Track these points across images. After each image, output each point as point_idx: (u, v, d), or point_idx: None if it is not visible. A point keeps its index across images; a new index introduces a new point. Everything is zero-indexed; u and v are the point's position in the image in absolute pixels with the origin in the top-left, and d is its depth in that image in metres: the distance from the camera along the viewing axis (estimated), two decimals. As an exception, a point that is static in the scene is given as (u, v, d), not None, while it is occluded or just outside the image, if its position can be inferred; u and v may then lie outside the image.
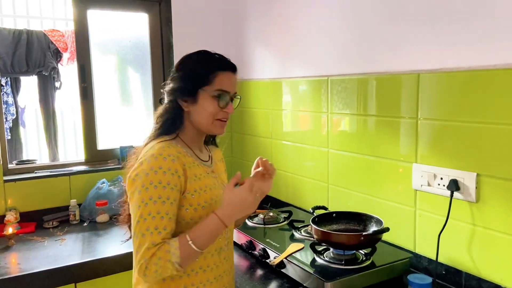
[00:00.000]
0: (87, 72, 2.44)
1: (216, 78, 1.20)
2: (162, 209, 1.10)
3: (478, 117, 1.35)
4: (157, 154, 1.13)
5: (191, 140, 1.26)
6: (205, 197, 1.19)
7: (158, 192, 1.10)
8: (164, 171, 1.11)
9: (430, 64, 1.50)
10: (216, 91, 1.20)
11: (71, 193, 2.32)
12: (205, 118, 1.22)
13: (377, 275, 1.45)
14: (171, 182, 1.12)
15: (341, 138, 1.93)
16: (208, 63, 1.22)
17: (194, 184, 1.18)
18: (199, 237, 1.11)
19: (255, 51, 2.51)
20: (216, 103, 1.20)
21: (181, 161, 1.16)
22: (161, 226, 1.09)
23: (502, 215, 1.31)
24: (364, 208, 1.76)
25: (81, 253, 1.86)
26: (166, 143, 1.18)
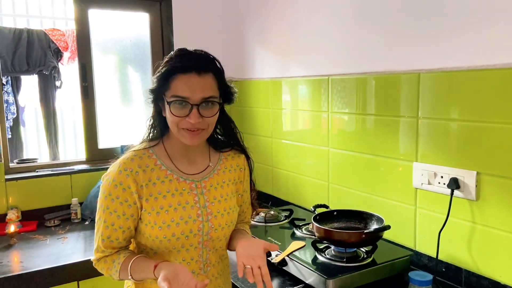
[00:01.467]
0: (88, 72, 2.45)
1: (173, 82, 1.07)
2: (108, 219, 1.13)
3: (478, 116, 1.36)
4: (117, 165, 1.13)
5: (176, 148, 1.17)
6: (164, 217, 1.12)
7: (107, 202, 1.12)
8: (115, 185, 1.11)
9: (430, 64, 1.51)
10: (171, 97, 1.07)
11: (72, 191, 2.33)
12: (171, 127, 1.12)
13: (378, 273, 1.47)
14: (121, 196, 1.11)
15: (341, 137, 1.94)
16: (168, 64, 1.09)
17: (152, 203, 1.12)
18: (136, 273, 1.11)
19: (255, 51, 2.52)
20: (174, 112, 1.08)
21: (139, 177, 1.11)
22: (105, 234, 1.13)
23: (502, 213, 1.33)
24: (365, 206, 1.78)
25: (83, 251, 1.87)
26: (134, 154, 1.14)
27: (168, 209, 1.13)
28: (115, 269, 1.13)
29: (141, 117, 2.71)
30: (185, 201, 1.15)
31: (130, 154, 1.15)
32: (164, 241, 1.13)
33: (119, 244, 1.15)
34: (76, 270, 1.74)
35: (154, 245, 1.15)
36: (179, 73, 1.07)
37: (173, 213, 1.13)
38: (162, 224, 1.12)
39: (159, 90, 1.11)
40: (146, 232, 1.14)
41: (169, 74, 1.08)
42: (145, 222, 1.13)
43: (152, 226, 1.12)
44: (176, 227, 1.12)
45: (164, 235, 1.12)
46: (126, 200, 1.11)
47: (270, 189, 2.48)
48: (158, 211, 1.12)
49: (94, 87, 2.48)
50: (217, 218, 1.19)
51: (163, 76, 1.09)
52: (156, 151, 1.17)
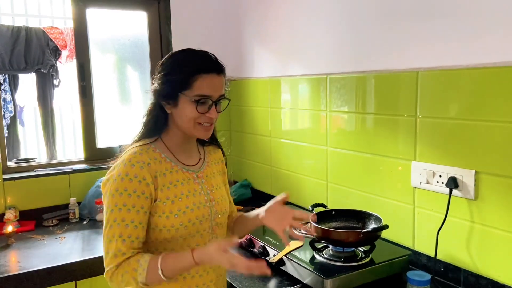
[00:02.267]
0: (86, 71, 2.45)
1: (196, 82, 1.13)
2: (127, 217, 1.10)
3: (476, 114, 1.36)
4: (127, 161, 1.13)
5: (175, 143, 1.23)
6: (179, 205, 1.16)
7: (123, 199, 1.09)
8: (130, 178, 1.10)
9: (429, 62, 1.50)
10: (195, 97, 1.14)
11: (70, 191, 2.33)
12: (186, 122, 1.17)
13: (376, 272, 1.46)
14: (137, 189, 1.10)
15: (340, 136, 1.93)
16: (188, 65, 1.15)
17: (166, 192, 1.15)
18: (170, 268, 1.08)
19: (254, 50, 2.51)
20: (195, 109, 1.15)
21: (152, 168, 1.14)
22: (125, 234, 1.09)
23: (501, 212, 1.32)
24: (363, 205, 1.77)
25: (81, 251, 1.86)
26: (139, 149, 1.16)
27: (181, 196, 1.18)
28: (142, 268, 1.07)
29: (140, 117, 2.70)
30: (193, 189, 1.21)
31: (135, 150, 1.16)
32: (180, 228, 1.16)
33: (139, 244, 1.12)
34: (73, 270, 1.74)
35: (169, 235, 1.15)
36: (202, 73, 1.14)
37: (186, 200, 1.18)
38: (178, 212, 1.16)
39: (176, 88, 1.15)
40: (160, 223, 1.14)
41: (191, 74, 1.14)
42: (158, 213, 1.14)
43: (167, 216, 1.14)
44: (191, 213, 1.18)
45: (180, 222, 1.15)
46: (143, 192, 1.12)
47: (269, 188, 2.48)
48: (173, 199, 1.16)
49: (92, 87, 2.47)
50: (219, 204, 1.27)
51: (181, 77, 1.14)
52: (157, 146, 1.21)
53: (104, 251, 1.11)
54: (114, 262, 1.09)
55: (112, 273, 1.09)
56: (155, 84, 1.19)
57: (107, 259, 1.10)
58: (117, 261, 1.09)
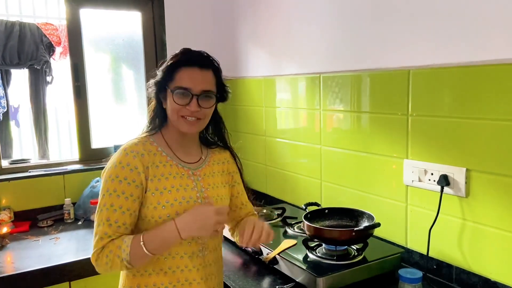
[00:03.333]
0: (81, 71, 2.44)
1: (177, 74, 1.19)
2: (116, 202, 1.14)
3: (467, 112, 1.36)
4: (122, 149, 1.19)
5: (174, 138, 1.27)
6: (167, 197, 1.19)
7: (114, 185, 1.14)
8: (122, 166, 1.15)
9: (420, 61, 1.51)
10: (175, 88, 1.19)
11: (65, 192, 2.33)
12: (171, 115, 1.22)
13: (368, 270, 1.47)
14: (128, 177, 1.15)
15: (333, 135, 1.94)
16: (174, 60, 1.21)
17: (156, 183, 1.19)
18: (152, 241, 1.12)
19: (248, 49, 2.51)
20: (177, 101, 1.19)
21: (145, 159, 1.18)
22: (112, 219, 1.14)
23: (492, 209, 1.32)
24: (357, 204, 1.78)
25: (75, 251, 1.86)
26: (137, 140, 1.23)
27: (171, 189, 1.20)
28: (126, 244, 1.11)
29: (135, 117, 2.70)
30: (185, 183, 1.23)
31: (132, 141, 1.22)
32: (167, 220, 1.17)
33: (125, 230, 1.16)
34: (68, 270, 1.74)
35: (150, 225, 1.18)
36: (183, 66, 1.19)
37: (175, 193, 1.20)
38: (165, 203, 1.18)
39: (163, 82, 1.21)
40: (149, 214, 1.17)
41: (174, 67, 1.20)
42: (147, 204, 1.17)
43: (155, 207, 1.17)
44: (179, 206, 1.19)
45: (168, 214, 1.17)
46: (134, 180, 1.15)
47: (264, 187, 2.48)
48: (162, 191, 1.18)
49: (87, 87, 2.47)
50: (214, 202, 1.27)
51: (168, 69, 1.21)
52: (156, 140, 1.25)
53: (94, 234, 1.15)
54: (100, 244, 1.13)
55: (98, 254, 1.13)
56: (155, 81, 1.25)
57: (93, 242, 1.15)
58: (103, 243, 1.13)
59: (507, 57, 1.24)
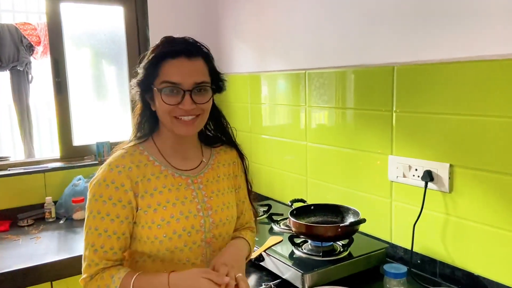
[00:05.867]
0: (61, 67, 2.39)
1: (162, 68, 1.02)
2: (100, 226, 1.01)
3: (450, 109, 1.37)
4: (107, 164, 1.04)
5: (167, 144, 1.12)
6: (162, 214, 1.04)
7: (98, 206, 1.02)
8: (107, 184, 1.01)
9: (404, 57, 1.51)
10: (162, 84, 1.02)
11: (46, 190, 2.27)
12: (163, 118, 1.06)
13: (354, 266, 1.47)
14: (114, 196, 1.01)
15: (319, 131, 1.94)
16: (156, 53, 1.03)
17: (149, 199, 1.04)
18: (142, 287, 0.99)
19: (233, 45, 2.49)
20: (166, 100, 1.02)
21: (133, 173, 1.04)
22: (97, 244, 1.02)
23: (474, 204, 1.34)
24: (342, 200, 1.78)
25: (57, 251, 1.82)
26: (124, 151, 1.07)
27: (166, 204, 1.06)
28: (114, 285, 0.98)
29: (117, 113, 2.66)
30: (183, 196, 1.09)
31: (118, 153, 1.08)
32: (165, 241, 1.05)
33: (114, 255, 1.03)
34: (49, 270, 1.70)
35: (154, 248, 1.05)
36: (168, 58, 1.02)
37: (171, 209, 1.06)
38: (161, 222, 1.04)
39: (147, 80, 1.04)
40: (144, 235, 1.04)
41: (158, 61, 1.02)
42: (141, 223, 1.04)
43: (149, 226, 1.04)
44: (176, 223, 1.05)
45: (164, 234, 1.04)
46: (120, 200, 1.02)
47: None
48: (156, 207, 1.04)
49: (68, 83, 2.42)
50: (217, 212, 1.14)
51: (151, 64, 1.03)
52: (146, 148, 1.10)
53: (82, 257, 1.05)
54: (87, 272, 1.02)
55: (86, 283, 1.03)
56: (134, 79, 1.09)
57: (82, 267, 1.04)
58: (90, 272, 1.02)
59: (490, 53, 1.26)
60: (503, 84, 1.23)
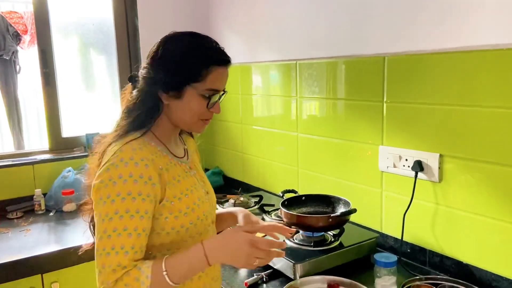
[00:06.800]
0: (49, 57, 2.35)
1: (209, 75, 1.03)
2: (129, 225, 0.95)
3: (440, 99, 1.38)
4: (128, 159, 0.97)
5: (165, 134, 1.11)
6: (187, 203, 1.06)
7: (126, 205, 0.95)
8: (135, 179, 0.96)
9: (395, 48, 1.51)
10: (206, 91, 1.04)
11: (35, 182, 2.25)
12: (188, 117, 1.06)
13: (345, 255, 1.48)
14: (143, 192, 0.97)
15: (310, 122, 1.94)
16: (203, 55, 1.03)
17: (173, 190, 1.04)
18: (176, 268, 0.94)
19: (223, 35, 2.47)
20: (204, 103, 1.05)
21: (156, 165, 1.01)
22: (128, 245, 0.94)
23: (464, 194, 1.36)
24: (333, 190, 1.79)
25: (47, 243, 1.81)
26: (137, 144, 1.01)
27: (187, 192, 1.07)
28: (145, 275, 0.92)
29: (107, 104, 2.63)
30: (193, 182, 1.12)
31: (133, 145, 1.01)
32: (190, 227, 1.06)
33: (141, 254, 0.97)
34: (39, 263, 1.69)
35: (178, 237, 1.04)
36: (217, 65, 1.05)
37: (192, 196, 1.08)
38: (186, 210, 1.05)
39: (187, 80, 1.03)
40: (167, 226, 1.02)
41: (207, 65, 1.03)
42: (165, 214, 1.02)
43: (176, 216, 1.03)
44: (198, 209, 1.09)
45: (190, 221, 1.06)
46: (149, 195, 0.97)
47: (241, 175, 2.47)
48: (180, 197, 1.05)
49: (56, 73, 2.38)
50: (212, 195, 1.21)
51: (194, 68, 1.02)
52: (150, 139, 1.07)
53: (98, 266, 0.94)
54: (112, 278, 0.93)
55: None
56: (152, 72, 1.04)
57: (103, 275, 0.93)
58: (116, 277, 0.93)
59: (480, 43, 1.26)
60: (492, 74, 1.23)
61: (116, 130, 1.08)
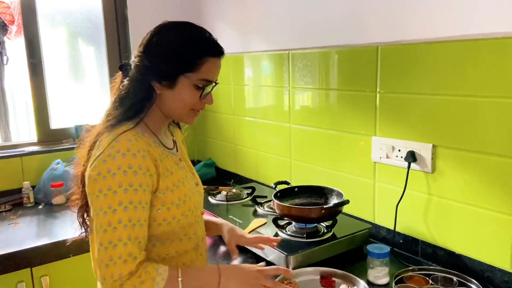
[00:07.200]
0: (36, 47, 2.30)
1: (203, 65, 1.03)
2: (133, 216, 0.95)
3: (433, 89, 1.37)
4: (125, 150, 0.96)
5: (157, 125, 1.10)
6: (178, 194, 1.06)
7: (129, 196, 0.95)
8: (134, 171, 0.96)
9: (388, 37, 1.50)
10: (200, 81, 1.04)
11: (24, 175, 2.21)
12: (180, 107, 1.06)
13: (337, 247, 1.48)
14: (143, 183, 0.97)
15: (302, 113, 1.92)
16: (197, 45, 1.03)
17: (166, 181, 1.04)
18: (190, 277, 0.99)
19: (214, 25, 2.44)
20: (197, 94, 1.05)
21: (152, 155, 1.01)
22: (133, 236, 0.95)
23: (456, 184, 1.35)
24: (326, 181, 1.78)
25: (36, 236, 1.78)
26: (132, 134, 1.00)
27: (178, 184, 1.08)
28: (161, 277, 0.95)
29: (96, 95, 2.59)
30: (184, 174, 1.13)
31: (128, 136, 0.99)
32: (182, 219, 1.07)
33: (145, 244, 0.99)
34: (29, 256, 1.66)
35: (168, 228, 1.05)
36: (212, 56, 1.05)
37: (183, 188, 1.09)
38: (178, 201, 1.06)
39: (180, 69, 1.03)
40: (159, 217, 1.03)
41: (201, 56, 1.03)
42: (157, 206, 1.03)
43: (168, 207, 1.04)
44: (189, 201, 1.10)
45: (182, 212, 1.07)
46: (148, 185, 0.99)
47: (233, 167, 2.45)
48: (172, 188, 1.06)
49: (43, 64, 2.33)
50: (201, 186, 1.22)
51: (188, 58, 1.03)
52: (143, 130, 1.06)
53: (105, 259, 0.93)
54: (126, 270, 0.92)
55: (123, 282, 0.92)
56: (145, 60, 1.03)
57: (111, 268, 0.92)
58: (130, 268, 0.93)
59: (475, 32, 1.25)
60: (486, 63, 1.22)
61: (107, 119, 1.06)
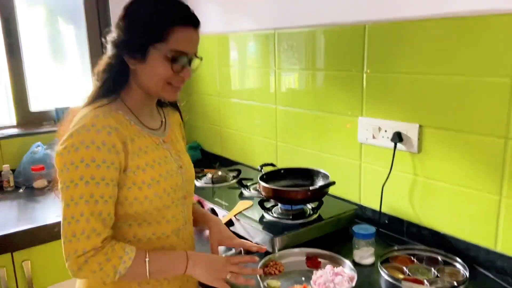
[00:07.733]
0: (12, 26, 2.21)
1: (172, 34, 0.98)
2: (95, 192, 0.94)
3: (420, 68, 1.35)
4: (89, 125, 0.95)
5: (137, 103, 1.07)
6: (152, 174, 1.03)
7: (90, 171, 0.93)
8: (97, 146, 0.94)
9: (375, 15, 1.47)
10: (170, 52, 0.99)
11: (3, 158, 2.15)
12: (154, 82, 1.02)
13: (323, 228, 1.47)
14: (107, 159, 0.95)
15: (288, 94, 1.90)
16: (163, 13, 0.98)
17: (137, 160, 1.01)
18: (156, 260, 1.00)
19: (198, 2, 2.37)
20: (169, 66, 1.00)
21: (120, 133, 0.98)
22: (96, 211, 0.94)
23: (442, 164, 1.35)
24: (312, 163, 1.77)
25: (17, 221, 1.74)
26: (102, 111, 0.99)
27: (153, 164, 1.05)
28: (128, 257, 0.96)
29: (78, 76, 2.51)
30: (163, 155, 1.09)
31: (97, 112, 0.98)
32: (155, 200, 1.04)
33: (111, 221, 0.98)
34: (9, 241, 1.62)
35: (141, 209, 1.03)
36: (179, 24, 0.99)
37: (158, 168, 1.05)
38: (151, 181, 1.03)
39: (144, 40, 0.98)
40: (130, 196, 1.01)
41: (168, 24, 0.98)
42: (127, 184, 1.00)
43: (139, 187, 1.01)
44: (165, 182, 1.06)
45: (155, 193, 1.04)
46: (113, 162, 0.96)
47: (219, 149, 2.43)
48: (144, 168, 1.02)
49: (20, 44, 2.25)
50: (188, 170, 1.18)
51: (154, 27, 0.98)
52: (119, 107, 1.04)
53: (68, 234, 0.93)
54: (89, 246, 0.92)
55: (87, 258, 0.93)
56: (115, 34, 1.01)
57: (74, 243, 0.92)
58: (93, 244, 0.93)
59: (462, 9, 1.23)
60: (472, 42, 1.21)
61: (88, 97, 1.05)
